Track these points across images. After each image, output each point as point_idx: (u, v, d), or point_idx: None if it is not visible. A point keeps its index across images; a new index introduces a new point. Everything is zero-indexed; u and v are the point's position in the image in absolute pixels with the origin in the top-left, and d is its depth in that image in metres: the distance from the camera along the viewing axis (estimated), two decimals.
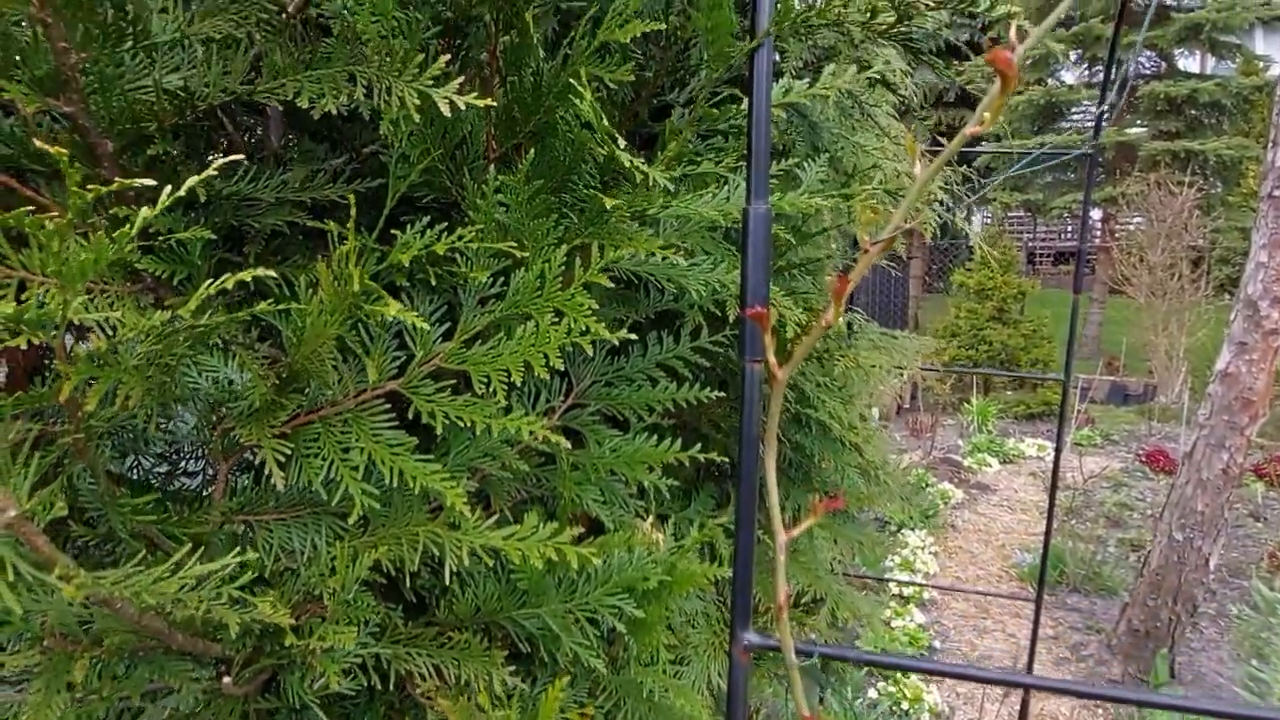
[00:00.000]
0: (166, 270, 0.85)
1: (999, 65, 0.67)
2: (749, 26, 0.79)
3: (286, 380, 0.88)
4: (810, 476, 1.73)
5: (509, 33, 0.87)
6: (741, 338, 0.76)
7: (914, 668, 0.82)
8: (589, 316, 0.81)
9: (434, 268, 0.87)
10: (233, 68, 0.80)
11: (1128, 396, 10.30)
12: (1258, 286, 4.14)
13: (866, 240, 0.73)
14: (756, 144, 0.75)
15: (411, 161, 0.86)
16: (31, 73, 0.73)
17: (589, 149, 0.81)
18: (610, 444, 1.10)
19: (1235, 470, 4.38)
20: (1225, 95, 11.08)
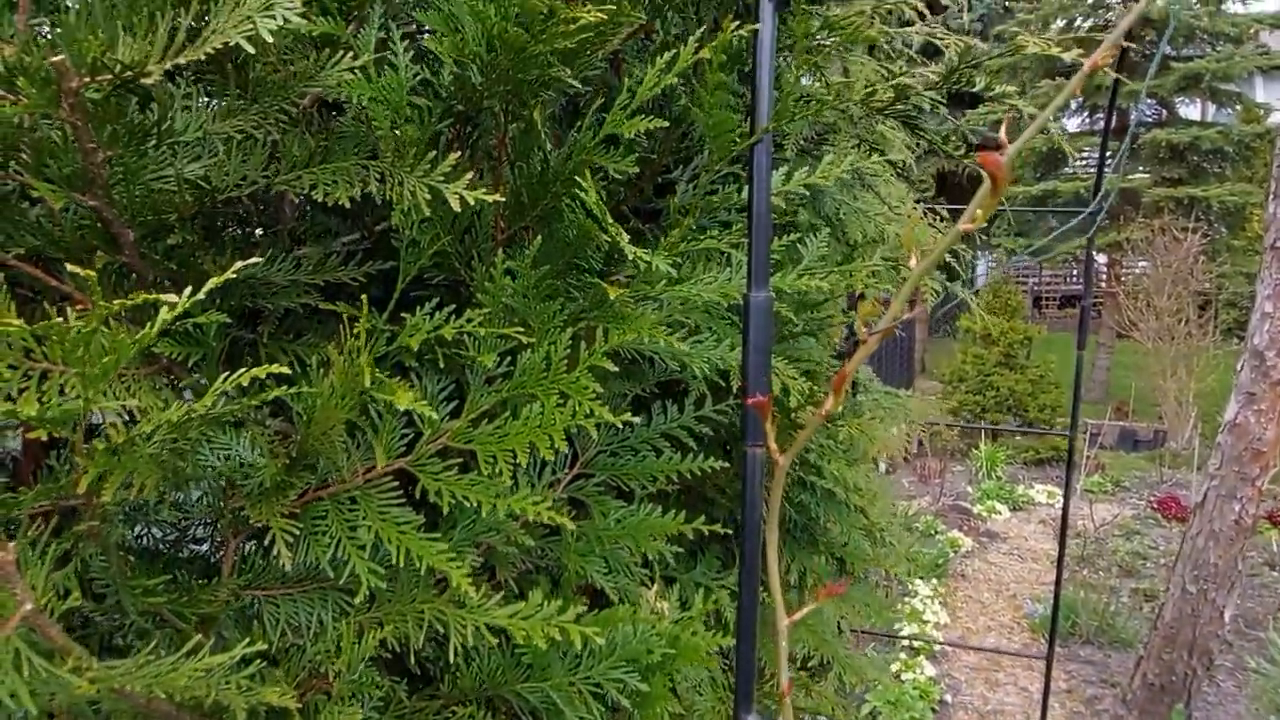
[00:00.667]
0: (182, 353, 0.87)
1: (988, 168, 0.70)
2: (749, 119, 0.82)
3: (296, 459, 0.90)
4: (815, 538, 1.73)
5: (517, 121, 0.90)
6: (743, 424, 0.78)
7: None
8: (593, 400, 0.82)
9: (442, 349, 0.89)
10: (251, 160, 0.83)
11: (1138, 442, 10.23)
12: (1264, 337, 4.14)
13: (864, 331, 0.75)
14: (756, 234, 0.77)
15: (421, 247, 0.89)
16: (60, 170, 0.76)
17: (593, 235, 0.84)
18: (615, 515, 1.11)
19: (1248, 521, 4.33)
20: (1227, 142, 11.18)
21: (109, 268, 0.87)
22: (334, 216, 1.12)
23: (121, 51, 0.69)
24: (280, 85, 0.74)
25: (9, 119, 0.71)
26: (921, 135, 1.22)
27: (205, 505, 1.03)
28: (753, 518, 0.78)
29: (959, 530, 7.40)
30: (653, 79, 0.79)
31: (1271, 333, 4.10)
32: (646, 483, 1.15)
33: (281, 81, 0.74)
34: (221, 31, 0.66)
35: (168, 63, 0.66)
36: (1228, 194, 10.91)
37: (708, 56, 0.74)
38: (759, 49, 0.74)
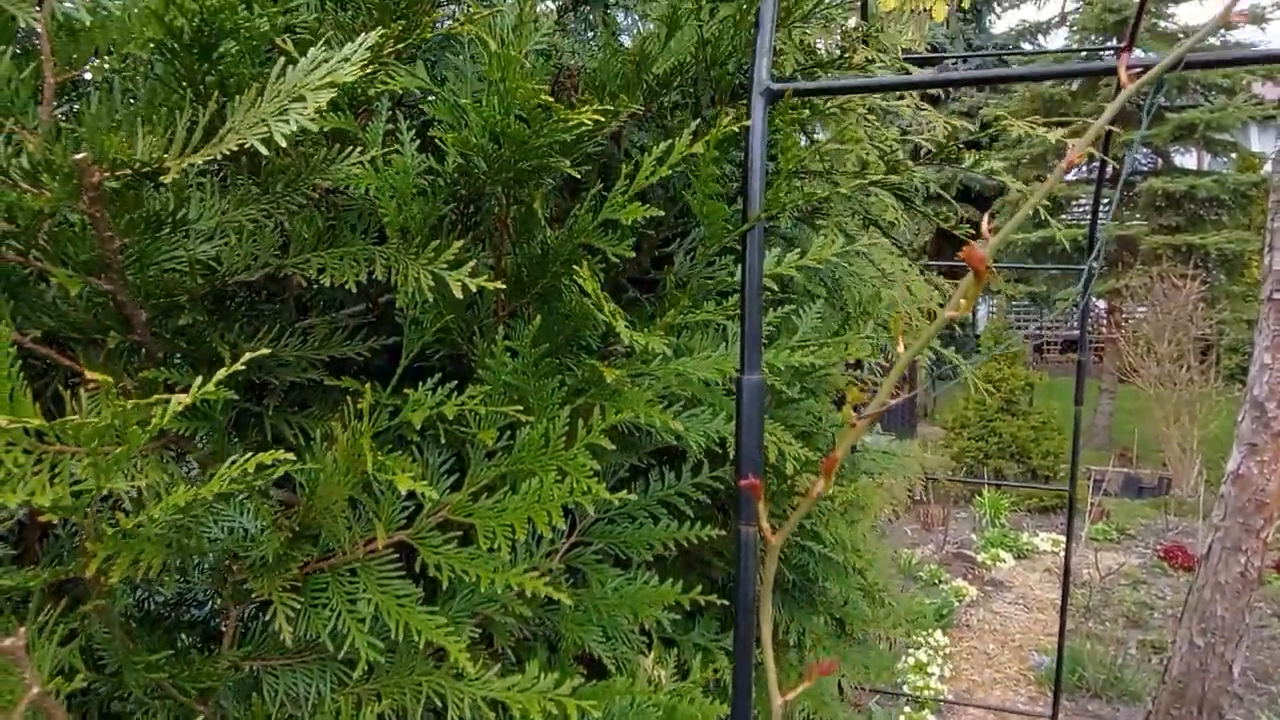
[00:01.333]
0: (189, 428, 0.89)
1: (972, 263, 0.72)
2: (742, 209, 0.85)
3: (299, 532, 0.91)
4: (814, 599, 1.73)
5: (518, 205, 0.93)
6: (736, 504, 0.79)
7: None
8: (590, 477, 0.84)
9: (443, 424, 0.91)
10: (261, 243, 0.86)
11: (1142, 489, 10.17)
12: (1263, 388, 4.15)
13: (853, 416, 0.77)
14: (749, 317, 0.80)
15: (425, 325, 0.91)
16: (77, 255, 0.79)
17: (590, 316, 0.86)
18: (613, 583, 1.12)
19: (1253, 574, 4.30)
20: (1223, 191, 11.30)
21: (121, 346, 0.90)
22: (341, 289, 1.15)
23: (140, 148, 0.73)
24: (292, 178, 0.77)
25: (32, 210, 0.75)
26: (914, 208, 1.25)
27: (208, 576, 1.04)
28: (746, 596, 0.79)
29: (963, 579, 7.33)
30: (648, 169, 0.82)
31: (1271, 384, 4.11)
32: (644, 551, 1.17)
33: (294, 175, 0.77)
34: (238, 132, 0.69)
35: (185, 161, 0.69)
36: (1225, 241, 11.00)
37: (700, 150, 0.77)
38: (750, 144, 0.77)
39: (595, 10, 1.42)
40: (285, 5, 0.82)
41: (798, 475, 1.25)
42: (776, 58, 1.09)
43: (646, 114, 1.23)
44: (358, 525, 0.95)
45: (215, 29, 0.70)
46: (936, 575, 7.21)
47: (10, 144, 0.80)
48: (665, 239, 1.17)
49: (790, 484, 1.30)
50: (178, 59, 0.74)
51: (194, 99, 0.75)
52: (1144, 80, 0.74)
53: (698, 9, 0.91)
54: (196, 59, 0.74)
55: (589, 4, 1.43)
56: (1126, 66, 0.75)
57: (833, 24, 1.24)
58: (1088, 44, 11.94)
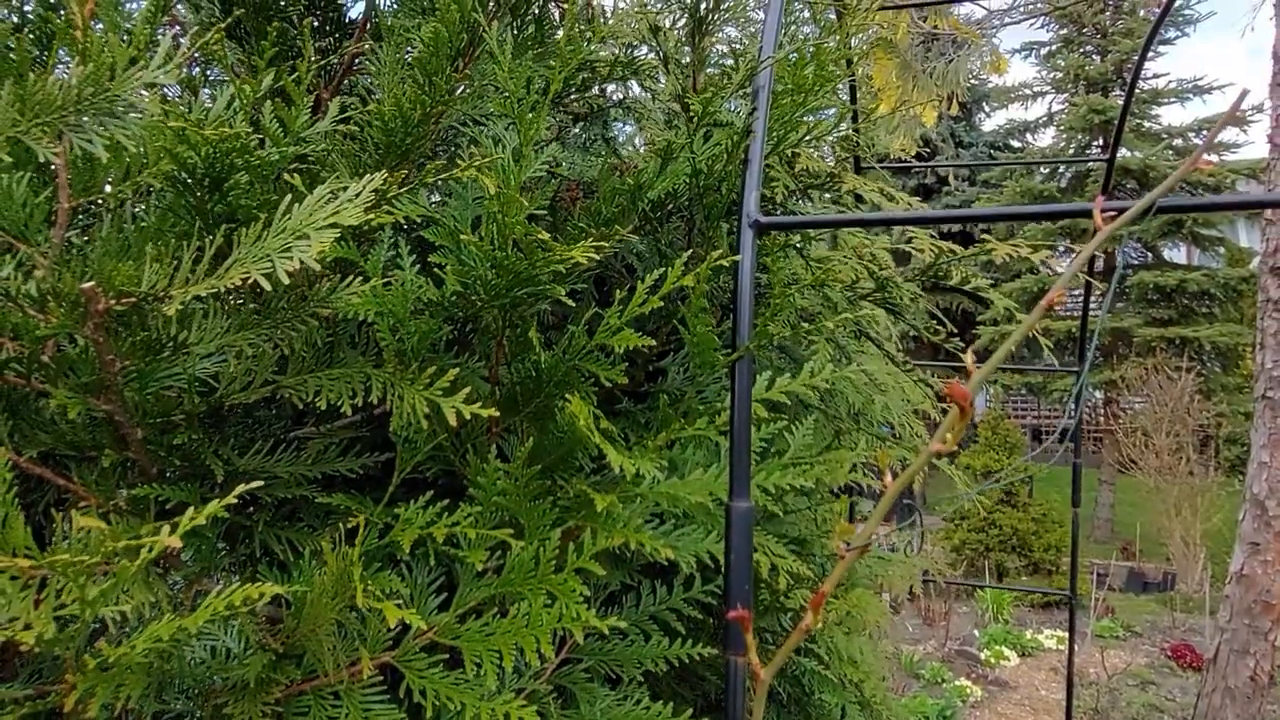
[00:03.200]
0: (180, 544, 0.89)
1: (955, 398, 0.74)
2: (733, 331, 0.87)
3: (283, 654, 0.90)
4: (808, 712, 1.69)
5: (513, 328, 0.95)
6: (725, 636, 0.79)
7: None
8: (580, 603, 0.83)
9: (433, 544, 0.91)
10: (260, 364, 0.88)
11: (1146, 584, 9.99)
12: (1263, 486, 4.14)
13: (842, 548, 0.77)
14: (738, 446, 0.81)
15: (418, 445, 0.92)
16: (78, 379, 0.80)
17: (583, 440, 0.87)
18: (602, 704, 1.09)
19: (1263, 678, 4.19)
20: (1213, 284, 11.50)
21: (115, 463, 0.90)
22: None
23: (146, 277, 0.75)
24: (294, 303, 0.79)
25: (36, 335, 0.76)
26: (904, 321, 1.28)
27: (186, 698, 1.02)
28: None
29: (966, 678, 7.13)
30: (641, 297, 0.85)
31: (1270, 482, 4.10)
32: (635, 669, 1.14)
33: (295, 300, 0.79)
34: (243, 264, 0.71)
35: (189, 293, 0.71)
36: (1218, 335, 11.12)
37: (691, 284, 0.80)
38: (740, 277, 0.80)
39: (595, 127, 1.48)
40: (295, 136, 0.85)
41: (790, 591, 1.24)
42: (768, 183, 1.13)
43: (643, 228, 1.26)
44: (343, 645, 0.94)
45: (226, 164, 0.73)
46: (939, 674, 7.02)
47: (20, 268, 0.83)
48: (660, 353, 1.18)
49: (782, 600, 1.29)
50: (188, 191, 0.77)
51: (202, 229, 0.78)
52: (1117, 225, 0.76)
53: (690, 142, 0.95)
54: (206, 191, 0.77)
55: (589, 120, 1.49)
56: (1101, 210, 0.78)
57: (822, 144, 1.29)
58: (1074, 143, 12.33)
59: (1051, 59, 13.67)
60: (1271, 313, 4.25)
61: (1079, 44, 13.45)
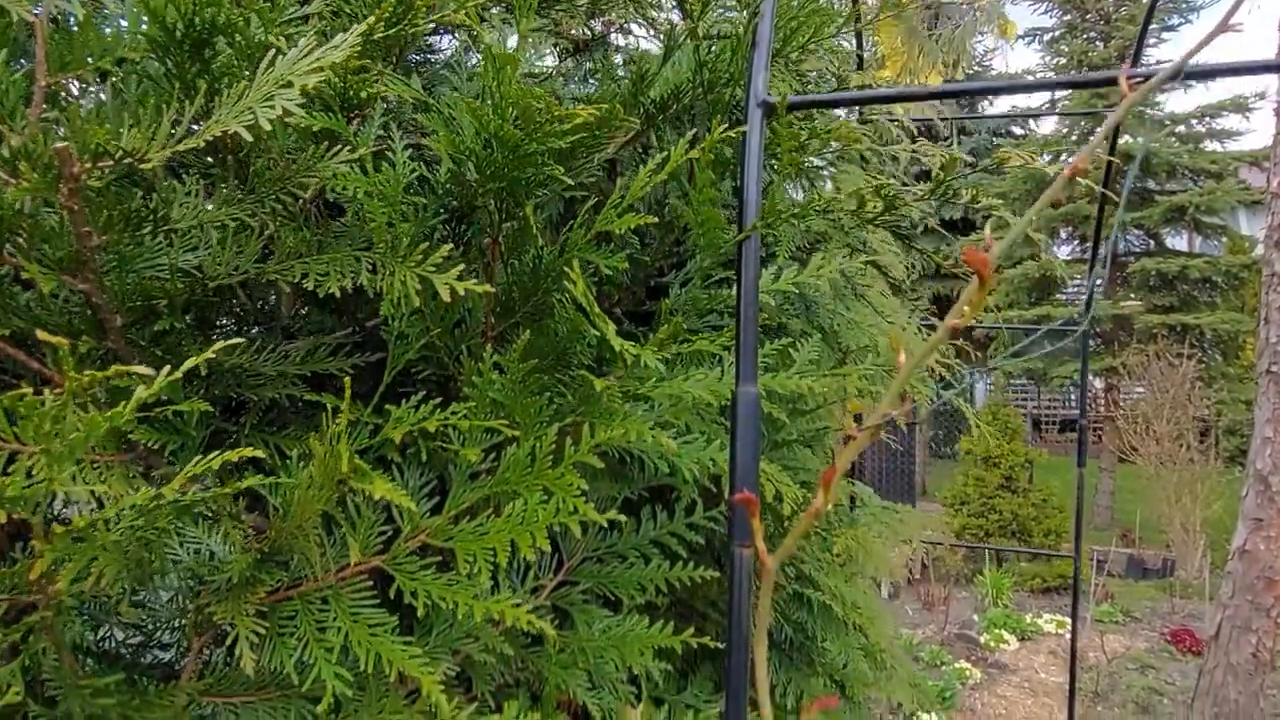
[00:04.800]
0: (159, 440, 0.85)
1: (975, 265, 0.70)
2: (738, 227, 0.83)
3: (269, 554, 0.87)
4: (812, 659, 1.65)
5: (511, 220, 0.91)
6: (730, 522, 0.75)
7: None
8: (578, 496, 0.80)
9: (426, 442, 0.87)
10: (246, 250, 0.84)
11: (1146, 570, 9.97)
12: (1266, 461, 4.10)
13: (854, 427, 0.74)
14: (744, 329, 0.77)
15: (410, 340, 0.88)
16: (53, 253, 0.77)
17: (582, 331, 0.83)
18: (600, 625, 1.06)
19: (1265, 655, 4.17)
20: (1215, 272, 11.44)
21: (94, 353, 0.86)
22: (328, 314, 1.13)
23: (126, 139, 0.71)
24: (278, 176, 0.75)
25: (9, 204, 0.72)
26: (912, 246, 1.24)
27: (172, 606, 0.99)
28: (740, 621, 0.74)
29: (966, 661, 7.11)
30: (645, 178, 0.81)
31: (1274, 457, 4.06)
32: (635, 592, 1.11)
33: (280, 173, 0.75)
34: (223, 121, 0.67)
35: (168, 150, 0.67)
36: (1220, 322, 11.07)
37: (697, 156, 0.76)
38: (748, 151, 0.76)
39: (595, 55, 1.43)
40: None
41: (795, 517, 1.21)
42: (772, 88, 1.09)
43: (644, 152, 1.22)
44: (332, 550, 0.90)
45: (207, 21, 0.69)
46: (938, 657, 7.00)
47: None
48: (660, 269, 1.15)
49: (787, 526, 1.25)
50: (169, 56, 0.73)
51: (183, 95, 0.74)
52: (1145, 89, 0.72)
53: (694, 30, 0.91)
54: (187, 56, 0.73)
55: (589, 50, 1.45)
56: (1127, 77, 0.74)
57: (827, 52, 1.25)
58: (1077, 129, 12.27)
59: (1055, 45, 13.60)
60: (1276, 287, 4.21)
61: (1082, 30, 13.38)
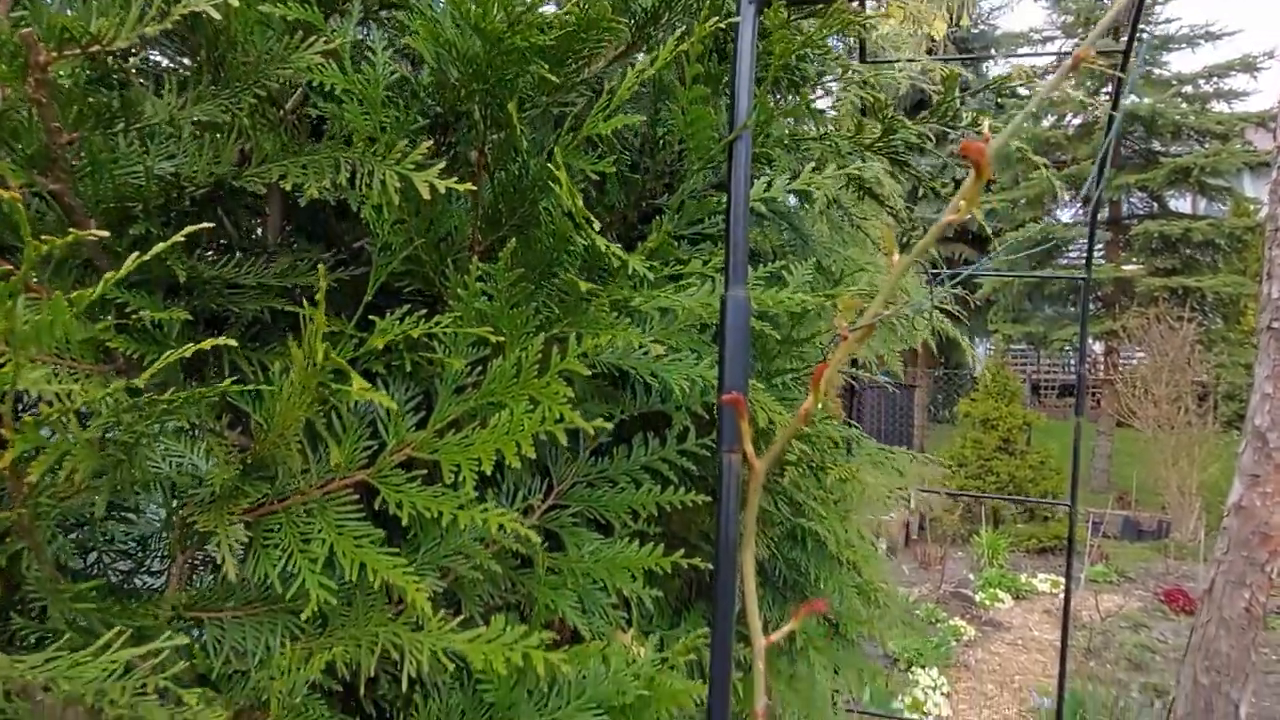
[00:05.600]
0: (139, 351, 0.84)
1: (972, 155, 0.68)
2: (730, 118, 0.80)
3: (252, 466, 0.85)
4: (806, 596, 1.66)
5: (497, 131, 0.89)
6: (719, 427, 0.74)
7: None
8: (564, 404, 0.78)
9: (410, 353, 0.86)
10: (223, 155, 0.81)
11: (1141, 532, 10.05)
12: (1265, 418, 4.09)
13: (844, 327, 0.72)
14: (734, 231, 0.75)
15: (394, 250, 0.86)
16: (24, 150, 0.74)
17: (569, 238, 0.81)
18: (589, 547, 1.05)
19: (1258, 609, 4.19)
20: (1218, 235, 11.37)
21: (69, 263, 0.85)
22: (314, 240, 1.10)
23: (95, 26, 0.68)
24: (251, 68, 0.73)
25: None
26: (910, 171, 1.21)
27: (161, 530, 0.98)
28: (727, 530, 0.73)
29: (961, 619, 7.19)
30: (633, 78, 0.78)
31: (1273, 413, 4.05)
32: (626, 517, 1.10)
33: (253, 65, 0.72)
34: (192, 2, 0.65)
35: (135, 33, 0.65)
36: (1222, 285, 11.03)
37: (686, 49, 0.73)
38: (739, 48, 0.73)
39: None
40: None
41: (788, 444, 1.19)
42: None
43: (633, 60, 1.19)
44: (318, 467, 0.89)
45: None
46: (934, 614, 7.08)
47: None
48: (654, 192, 1.12)
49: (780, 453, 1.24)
50: None
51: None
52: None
53: None
54: None
55: None
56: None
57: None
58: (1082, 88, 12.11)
59: (1061, 2, 13.37)
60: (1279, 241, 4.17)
61: None
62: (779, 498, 1.55)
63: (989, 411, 9.82)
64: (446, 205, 0.90)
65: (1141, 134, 11.83)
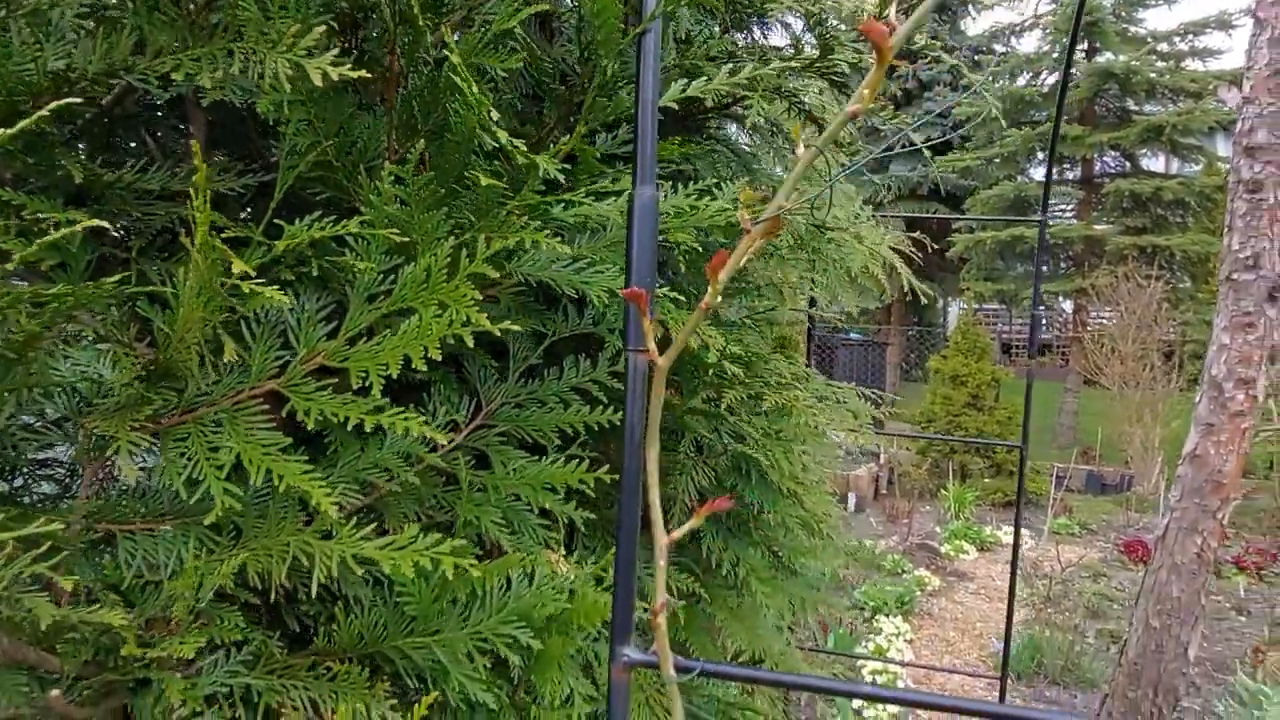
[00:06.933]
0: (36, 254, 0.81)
1: (873, 37, 0.66)
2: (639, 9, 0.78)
3: (156, 374, 0.84)
4: (750, 530, 1.67)
5: (409, 32, 0.86)
6: (625, 332, 0.73)
7: (820, 688, 0.76)
8: (471, 307, 0.77)
9: (319, 259, 0.84)
10: (116, 47, 0.78)
11: (1104, 486, 10.26)
12: (1221, 368, 4.17)
13: (746, 219, 0.71)
14: (643, 127, 0.73)
15: (301, 152, 0.84)
16: None
17: (477, 137, 0.79)
18: (515, 464, 1.04)
19: (1209, 555, 4.31)
20: (1189, 194, 11.44)
21: None
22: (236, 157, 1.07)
23: None
24: None
25: None
26: (849, 92, 1.20)
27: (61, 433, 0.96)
28: (633, 429, 0.73)
29: (926, 569, 7.33)
30: None
31: (1229, 364, 4.13)
32: (555, 437, 1.09)
33: None
34: None
35: None
36: (1190, 243, 11.13)
37: None
38: None
39: None
40: None
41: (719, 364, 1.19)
42: None
43: None
44: (229, 378, 0.88)
45: None
46: (899, 565, 7.21)
47: None
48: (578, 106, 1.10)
49: (713, 375, 1.24)
50: None
51: None
52: None
53: None
54: None
55: None
56: None
57: None
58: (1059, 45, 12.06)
59: None
60: (1242, 194, 4.20)
61: None
62: (722, 427, 1.55)
63: (959, 368, 9.92)
64: (357, 110, 0.88)
65: (1116, 92, 11.82)
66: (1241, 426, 4.13)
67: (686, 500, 1.48)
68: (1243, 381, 4.10)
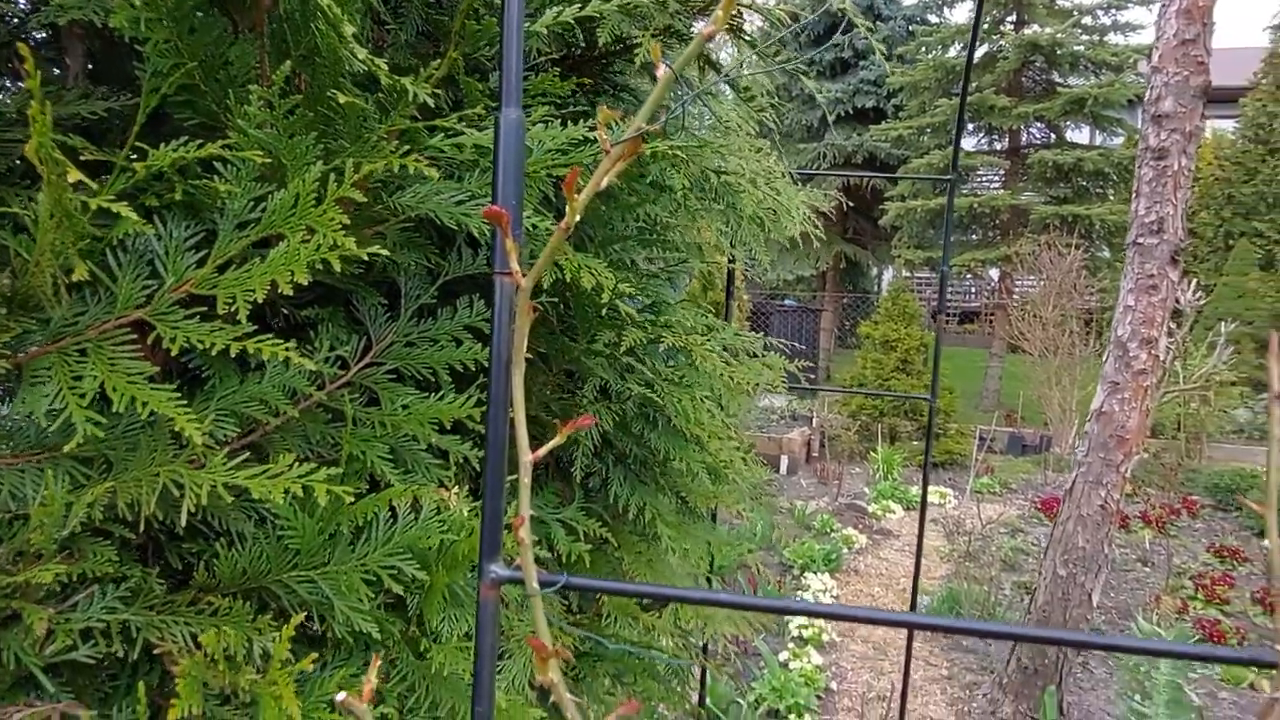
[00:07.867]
0: None
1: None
2: None
3: (15, 302, 0.81)
4: (658, 476, 1.70)
5: None
6: (491, 255, 0.73)
7: (685, 599, 0.79)
8: (339, 231, 0.77)
9: (184, 182, 0.82)
10: None
11: (1025, 447, 10.67)
12: (1126, 329, 4.35)
13: (606, 141, 0.72)
14: (508, 48, 0.73)
15: (164, 74, 0.82)
16: None
17: (342, 58, 0.78)
18: (403, 400, 1.05)
19: (1113, 506, 4.53)
20: (1108, 165, 11.84)
21: None
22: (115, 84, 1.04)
23: None
24: None
25: None
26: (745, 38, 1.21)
27: None
28: (499, 352, 0.73)
29: (854, 528, 7.54)
30: None
31: (1133, 324, 4.31)
32: (447, 376, 1.10)
33: None
34: None
35: None
36: (1108, 213, 11.54)
37: None
38: None
39: None
40: None
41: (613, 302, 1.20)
42: None
43: None
44: (96, 308, 0.85)
45: None
46: (828, 524, 7.40)
47: None
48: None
49: (606, 314, 1.25)
50: None
51: None
52: None
53: None
54: None
55: None
56: None
57: None
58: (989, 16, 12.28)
59: None
60: (1149, 160, 4.37)
61: None
62: (630, 376, 1.57)
63: (889, 333, 10.15)
64: (225, 31, 0.85)
65: (1042, 64, 12.11)
66: (1144, 384, 4.34)
67: (590, 445, 1.50)
68: (1146, 341, 4.30)
